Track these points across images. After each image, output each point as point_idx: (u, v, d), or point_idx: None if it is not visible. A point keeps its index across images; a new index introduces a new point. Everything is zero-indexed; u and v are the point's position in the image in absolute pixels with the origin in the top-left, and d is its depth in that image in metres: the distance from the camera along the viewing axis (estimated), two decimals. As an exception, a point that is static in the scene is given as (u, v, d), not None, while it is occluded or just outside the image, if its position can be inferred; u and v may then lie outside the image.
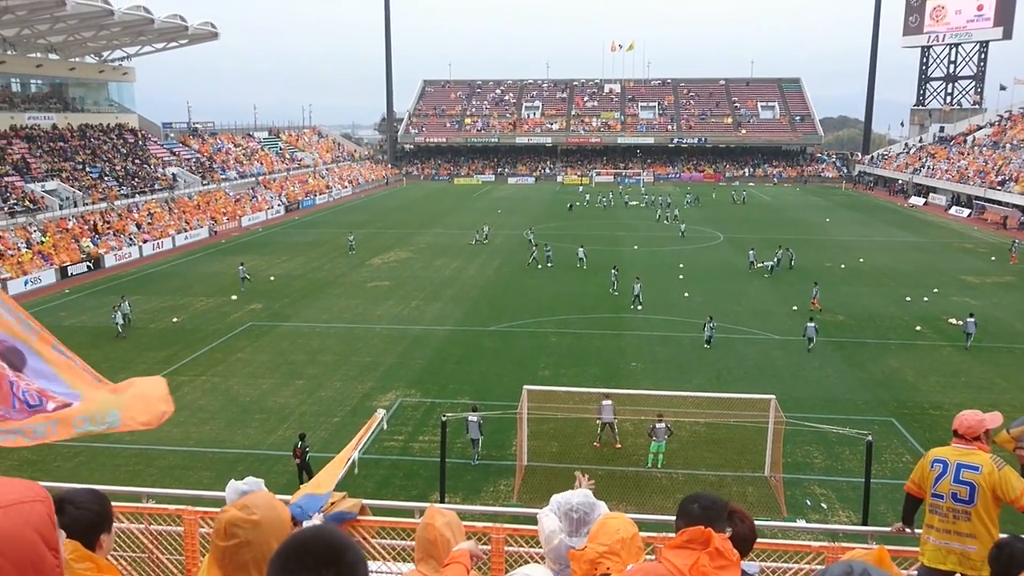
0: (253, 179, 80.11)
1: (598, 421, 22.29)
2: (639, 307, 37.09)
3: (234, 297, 40.18)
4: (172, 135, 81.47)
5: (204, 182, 72.13)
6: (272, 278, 44.59)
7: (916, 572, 5.74)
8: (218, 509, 6.17)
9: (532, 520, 4.89)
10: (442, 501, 17.64)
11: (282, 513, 3.59)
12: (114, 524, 6.10)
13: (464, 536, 3.81)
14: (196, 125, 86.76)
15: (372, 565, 6.00)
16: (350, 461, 6.00)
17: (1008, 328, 34.20)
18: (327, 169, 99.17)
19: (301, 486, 6.79)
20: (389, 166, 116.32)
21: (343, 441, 22.07)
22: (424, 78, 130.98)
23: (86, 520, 2.92)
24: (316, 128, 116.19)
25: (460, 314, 36.82)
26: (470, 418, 20.98)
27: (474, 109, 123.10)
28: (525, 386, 21.65)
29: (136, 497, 6.36)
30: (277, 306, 38.39)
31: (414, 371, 28.67)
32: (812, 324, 31.59)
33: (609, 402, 21.96)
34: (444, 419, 19.01)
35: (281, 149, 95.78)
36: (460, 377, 28.06)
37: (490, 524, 5.75)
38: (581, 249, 48.83)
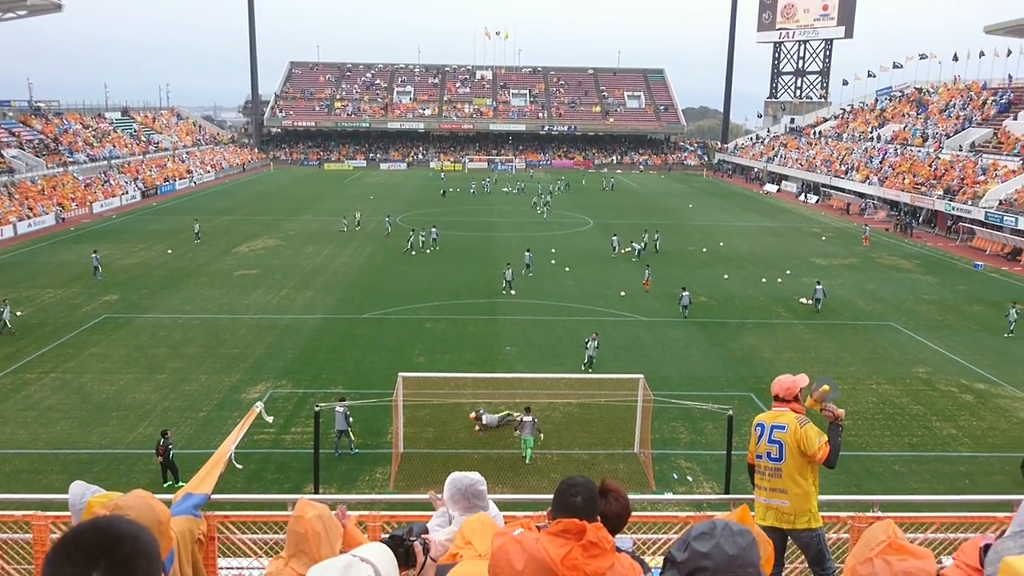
0: (105, 163, 75.24)
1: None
2: (512, 292, 37.53)
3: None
4: (11, 114, 75.06)
5: (49, 166, 67.07)
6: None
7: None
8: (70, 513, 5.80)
9: (409, 506, 4.86)
10: (316, 493, 17.29)
11: (160, 514, 3.38)
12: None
13: (339, 531, 3.67)
14: (39, 104, 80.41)
15: (242, 562, 5.81)
16: (229, 456, 5.78)
17: (851, 306, 36.88)
18: (187, 153, 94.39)
19: (179, 486, 6.48)
20: (255, 150, 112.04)
21: (209, 437, 21.27)
22: (291, 59, 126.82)
23: None
24: (175, 109, 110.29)
25: (332, 302, 36.06)
26: (337, 409, 20.62)
27: (344, 93, 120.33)
28: (400, 373, 21.53)
29: (-24, 505, 5.90)
30: (134, 297, 36.32)
31: (285, 361, 27.87)
32: (687, 293, 34.01)
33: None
34: (317, 409, 18.59)
35: (136, 131, 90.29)
36: (333, 366, 27.51)
37: (367, 512, 5.68)
38: (434, 229, 50.16)
